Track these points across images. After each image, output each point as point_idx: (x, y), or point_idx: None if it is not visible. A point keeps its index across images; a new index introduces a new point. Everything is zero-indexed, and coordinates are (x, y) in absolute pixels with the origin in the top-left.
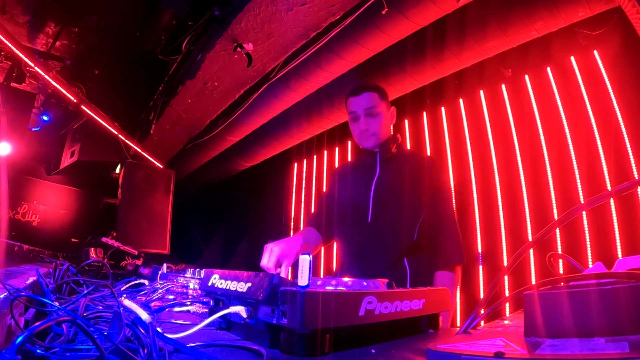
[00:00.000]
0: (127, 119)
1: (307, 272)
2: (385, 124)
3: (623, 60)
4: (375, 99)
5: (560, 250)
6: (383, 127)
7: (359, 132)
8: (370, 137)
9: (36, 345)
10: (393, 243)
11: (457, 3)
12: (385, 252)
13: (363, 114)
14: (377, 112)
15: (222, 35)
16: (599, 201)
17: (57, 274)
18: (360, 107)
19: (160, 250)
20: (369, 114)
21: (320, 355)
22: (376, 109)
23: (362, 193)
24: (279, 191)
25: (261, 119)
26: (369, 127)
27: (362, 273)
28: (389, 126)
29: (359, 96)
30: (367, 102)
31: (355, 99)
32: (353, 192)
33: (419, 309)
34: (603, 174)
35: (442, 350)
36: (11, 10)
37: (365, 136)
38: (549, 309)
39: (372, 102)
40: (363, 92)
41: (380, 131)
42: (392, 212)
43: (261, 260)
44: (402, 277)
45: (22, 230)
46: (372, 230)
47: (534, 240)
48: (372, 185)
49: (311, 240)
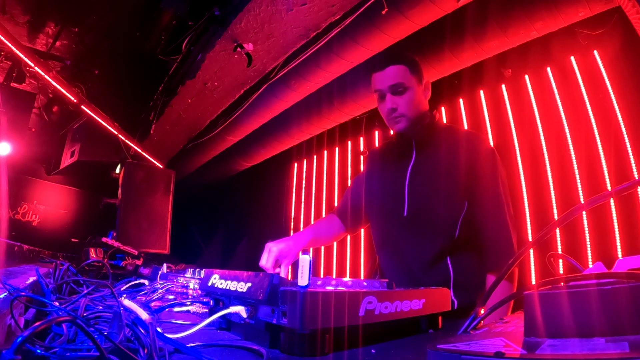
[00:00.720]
0: (127, 119)
1: (307, 272)
2: (417, 102)
3: (623, 60)
4: (403, 72)
5: (560, 250)
6: (414, 106)
7: (386, 112)
8: (399, 119)
9: (36, 345)
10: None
11: (457, 3)
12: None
13: (389, 91)
14: (405, 87)
15: (222, 35)
16: (599, 201)
17: (57, 274)
18: (385, 84)
19: (160, 250)
20: (396, 91)
21: (320, 355)
22: (405, 85)
23: (397, 183)
24: (279, 191)
25: (261, 119)
26: (396, 107)
27: (399, 275)
28: (422, 103)
29: (384, 71)
30: (393, 77)
31: (379, 74)
32: (387, 181)
33: (419, 309)
34: (603, 174)
35: (442, 350)
36: (11, 10)
37: (393, 117)
38: (549, 309)
39: (400, 77)
40: (388, 65)
41: (411, 110)
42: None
43: (260, 260)
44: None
45: (22, 230)
46: (409, 226)
47: (534, 240)
48: (407, 174)
49: (329, 230)
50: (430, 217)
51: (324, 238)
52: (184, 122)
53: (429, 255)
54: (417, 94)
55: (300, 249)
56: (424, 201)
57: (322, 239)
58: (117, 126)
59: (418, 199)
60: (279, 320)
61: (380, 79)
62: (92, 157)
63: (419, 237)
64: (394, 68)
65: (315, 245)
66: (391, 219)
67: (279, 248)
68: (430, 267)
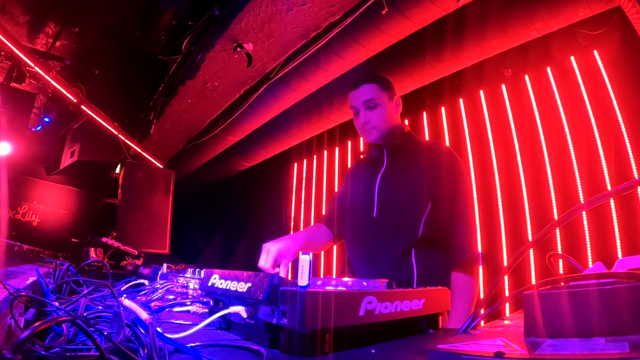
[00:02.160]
0: (127, 119)
1: (307, 272)
2: (387, 116)
3: (623, 60)
4: (375, 90)
5: (560, 250)
6: (385, 119)
7: (360, 125)
8: (370, 130)
9: (36, 345)
10: (398, 238)
11: (457, 3)
12: (391, 247)
13: (362, 107)
14: (376, 103)
15: (222, 35)
16: (599, 201)
17: (57, 274)
18: (359, 101)
19: (160, 250)
20: (368, 106)
21: (320, 355)
22: (375, 101)
23: (368, 188)
24: (279, 191)
25: (261, 119)
26: (369, 121)
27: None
28: (393, 117)
29: (358, 89)
30: (365, 94)
31: (354, 92)
32: (361, 187)
33: (419, 309)
34: (603, 174)
35: (442, 350)
36: (11, 10)
37: (366, 130)
38: (549, 309)
39: (371, 94)
40: (361, 84)
41: (382, 123)
42: (396, 206)
43: (259, 261)
44: (409, 275)
45: (22, 230)
46: (377, 225)
47: (534, 240)
48: (377, 179)
49: (319, 237)
50: (396, 217)
51: (315, 244)
52: (184, 122)
53: (395, 252)
54: (387, 109)
55: (297, 248)
56: (391, 203)
57: (314, 244)
58: (117, 126)
59: (386, 201)
60: (279, 320)
61: (355, 96)
62: (92, 157)
63: (385, 236)
64: (366, 86)
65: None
66: (362, 220)
67: (277, 248)
68: (397, 263)
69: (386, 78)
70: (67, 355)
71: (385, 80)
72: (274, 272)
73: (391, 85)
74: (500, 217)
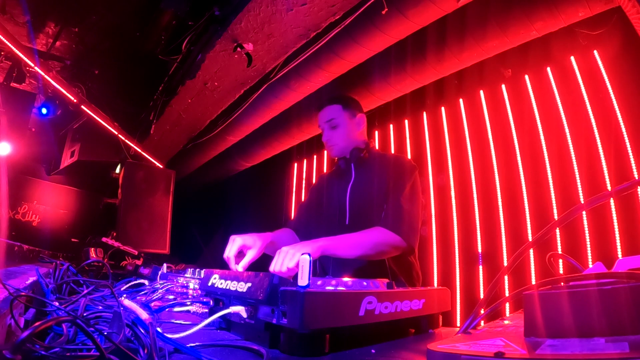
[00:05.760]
0: (127, 119)
1: (307, 272)
2: (347, 134)
3: (623, 60)
4: (335, 110)
5: (560, 250)
6: (345, 137)
7: (324, 143)
8: (331, 148)
9: (36, 345)
10: None
11: (457, 3)
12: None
13: (325, 127)
14: (337, 123)
15: (222, 35)
16: (599, 201)
17: (57, 274)
18: (322, 121)
19: (160, 250)
20: (330, 126)
21: (320, 355)
22: (336, 121)
23: (340, 198)
24: (279, 191)
25: (261, 119)
26: (330, 139)
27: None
28: (354, 134)
29: (321, 111)
30: (327, 115)
31: (319, 113)
32: (332, 197)
33: (419, 309)
34: (603, 174)
35: (442, 351)
36: (11, 10)
37: (328, 147)
38: (549, 309)
39: (331, 114)
40: (324, 106)
41: (342, 141)
42: (367, 213)
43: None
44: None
45: (22, 230)
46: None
47: (534, 240)
48: (348, 190)
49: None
50: (367, 223)
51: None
52: (184, 122)
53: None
54: (347, 128)
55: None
56: (361, 210)
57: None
58: (117, 126)
59: (357, 209)
60: (279, 320)
61: (320, 116)
62: (92, 157)
63: None
64: (328, 108)
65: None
66: (335, 227)
67: (243, 239)
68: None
69: (350, 98)
70: (67, 355)
71: (348, 99)
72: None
73: (354, 104)
74: (500, 217)
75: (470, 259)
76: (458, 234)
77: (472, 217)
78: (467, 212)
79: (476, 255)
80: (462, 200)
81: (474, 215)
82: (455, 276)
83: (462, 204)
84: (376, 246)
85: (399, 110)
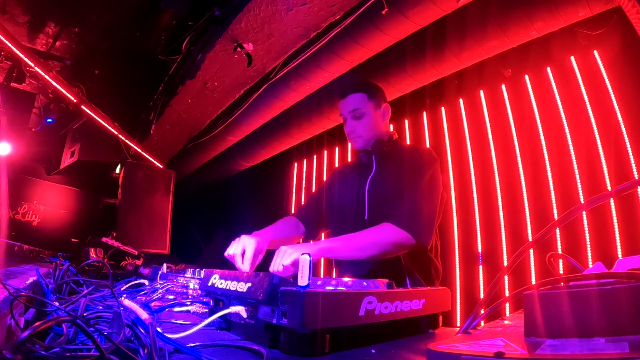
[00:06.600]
0: (127, 119)
1: (307, 272)
2: (372, 125)
3: (623, 60)
4: (361, 99)
5: (560, 250)
6: (370, 128)
7: (347, 134)
8: (356, 139)
9: (36, 345)
10: None
11: (457, 3)
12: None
13: (349, 116)
14: (361, 113)
15: (222, 35)
16: (599, 201)
17: (57, 274)
18: (345, 110)
19: (160, 250)
20: (354, 116)
21: (320, 355)
22: (361, 110)
23: (359, 191)
24: (279, 191)
25: (261, 119)
26: (354, 130)
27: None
28: (379, 125)
29: (345, 99)
30: (351, 104)
31: (342, 102)
32: (351, 190)
33: (419, 309)
34: (603, 174)
35: (442, 351)
36: (11, 10)
37: (351, 138)
38: (549, 309)
39: (357, 103)
40: (348, 94)
41: (367, 132)
42: (387, 208)
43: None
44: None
45: (22, 230)
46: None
47: (534, 240)
48: (367, 183)
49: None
50: (386, 217)
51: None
52: (184, 122)
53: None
54: (373, 118)
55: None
56: (381, 205)
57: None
58: (117, 126)
59: (376, 204)
60: (279, 320)
61: (343, 105)
62: (92, 157)
63: None
64: (353, 96)
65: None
66: (354, 222)
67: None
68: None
69: (375, 86)
70: (67, 355)
71: (374, 88)
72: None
73: (379, 93)
74: (500, 217)
75: (470, 258)
76: (458, 234)
77: (472, 217)
78: (467, 212)
79: (476, 255)
80: (462, 200)
81: (474, 215)
82: (455, 276)
83: (462, 204)
84: (381, 246)
85: (399, 110)
